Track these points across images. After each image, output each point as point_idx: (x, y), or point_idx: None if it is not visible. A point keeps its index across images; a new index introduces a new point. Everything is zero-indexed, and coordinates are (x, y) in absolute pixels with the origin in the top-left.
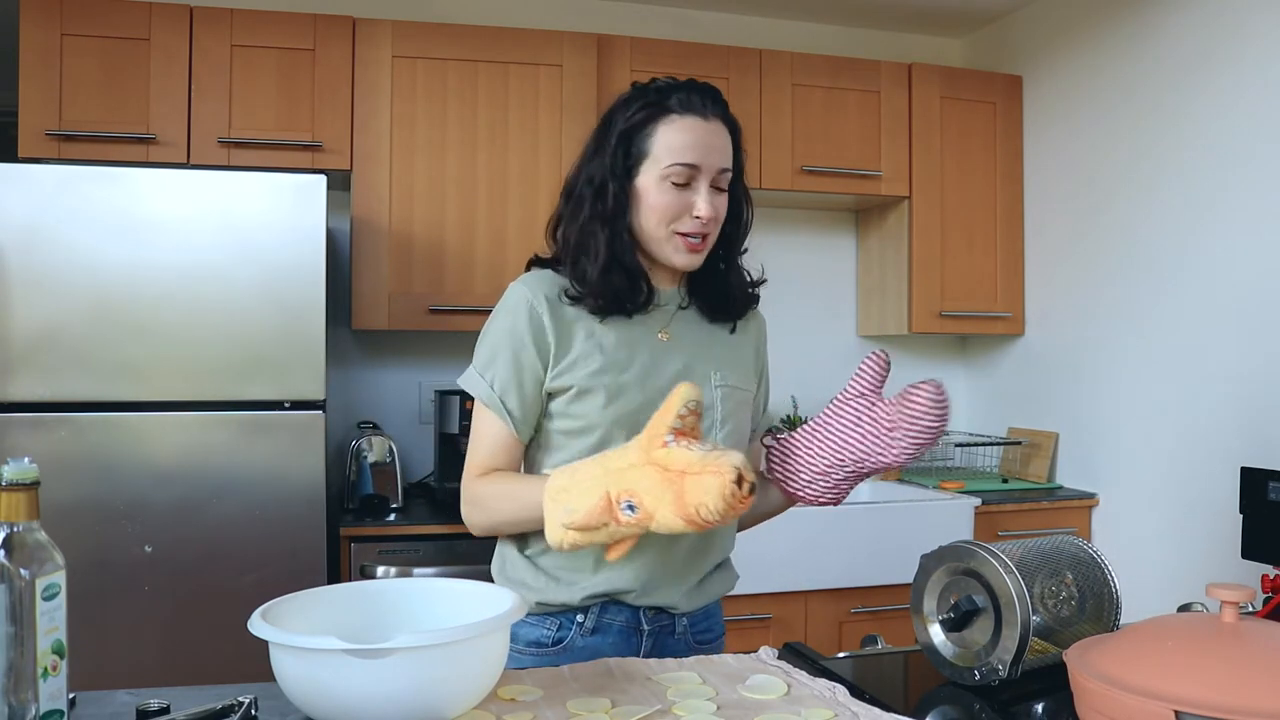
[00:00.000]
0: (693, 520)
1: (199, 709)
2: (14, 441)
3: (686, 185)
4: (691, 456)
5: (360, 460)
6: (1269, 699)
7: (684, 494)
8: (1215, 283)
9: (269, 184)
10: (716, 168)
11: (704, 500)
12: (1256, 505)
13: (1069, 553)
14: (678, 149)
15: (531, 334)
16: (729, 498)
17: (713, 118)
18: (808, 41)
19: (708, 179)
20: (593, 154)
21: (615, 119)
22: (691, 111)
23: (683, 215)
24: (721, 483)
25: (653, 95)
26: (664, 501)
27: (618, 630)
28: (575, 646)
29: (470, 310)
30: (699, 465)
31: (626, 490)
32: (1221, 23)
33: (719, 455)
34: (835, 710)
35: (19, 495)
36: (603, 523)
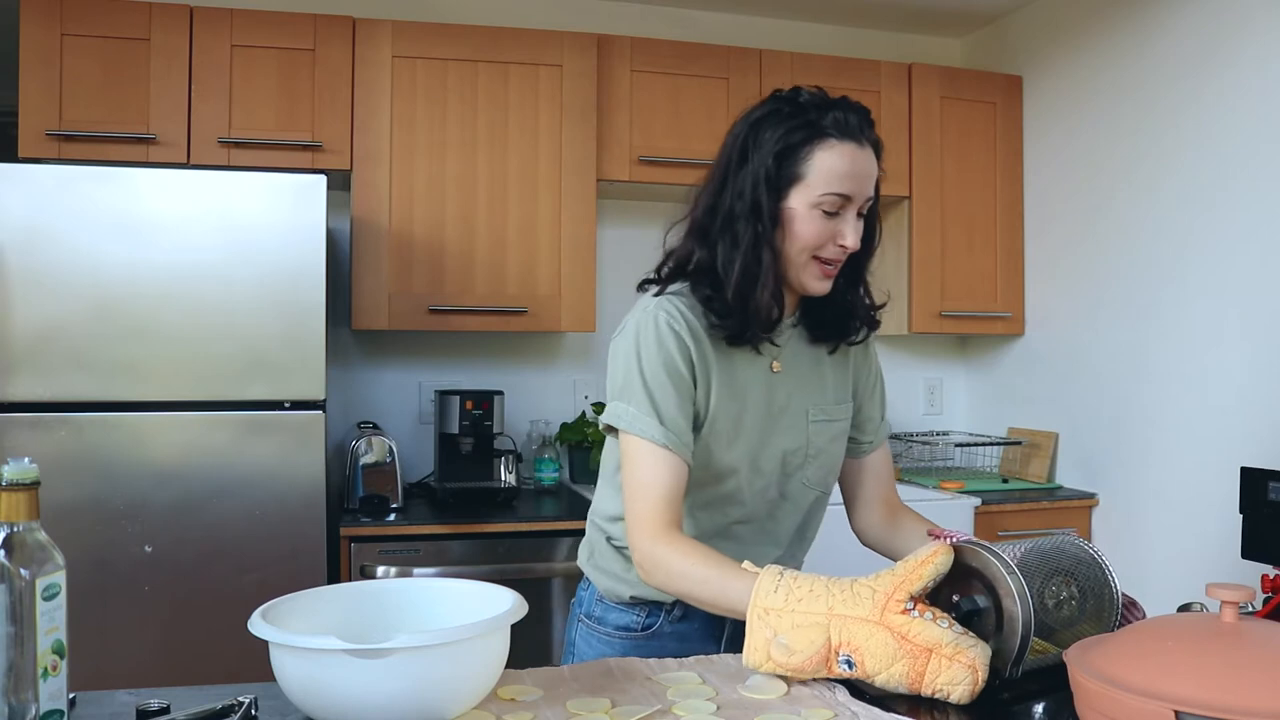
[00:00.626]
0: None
1: (199, 709)
2: (14, 441)
3: (835, 214)
4: (941, 635)
5: (360, 460)
6: (1269, 699)
7: (926, 673)
8: (1215, 282)
9: (269, 184)
10: (865, 196)
11: (950, 690)
12: (1256, 505)
13: (1070, 553)
14: (833, 178)
15: (686, 361)
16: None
17: (866, 143)
18: (808, 41)
19: (856, 207)
20: (734, 165)
21: (764, 134)
22: (848, 136)
23: (828, 243)
24: (975, 679)
25: (810, 113)
26: (892, 671)
27: (704, 616)
28: (664, 632)
29: (470, 310)
30: (951, 649)
31: (849, 644)
32: (1222, 22)
33: (970, 643)
34: (835, 710)
35: (19, 495)
36: (817, 670)
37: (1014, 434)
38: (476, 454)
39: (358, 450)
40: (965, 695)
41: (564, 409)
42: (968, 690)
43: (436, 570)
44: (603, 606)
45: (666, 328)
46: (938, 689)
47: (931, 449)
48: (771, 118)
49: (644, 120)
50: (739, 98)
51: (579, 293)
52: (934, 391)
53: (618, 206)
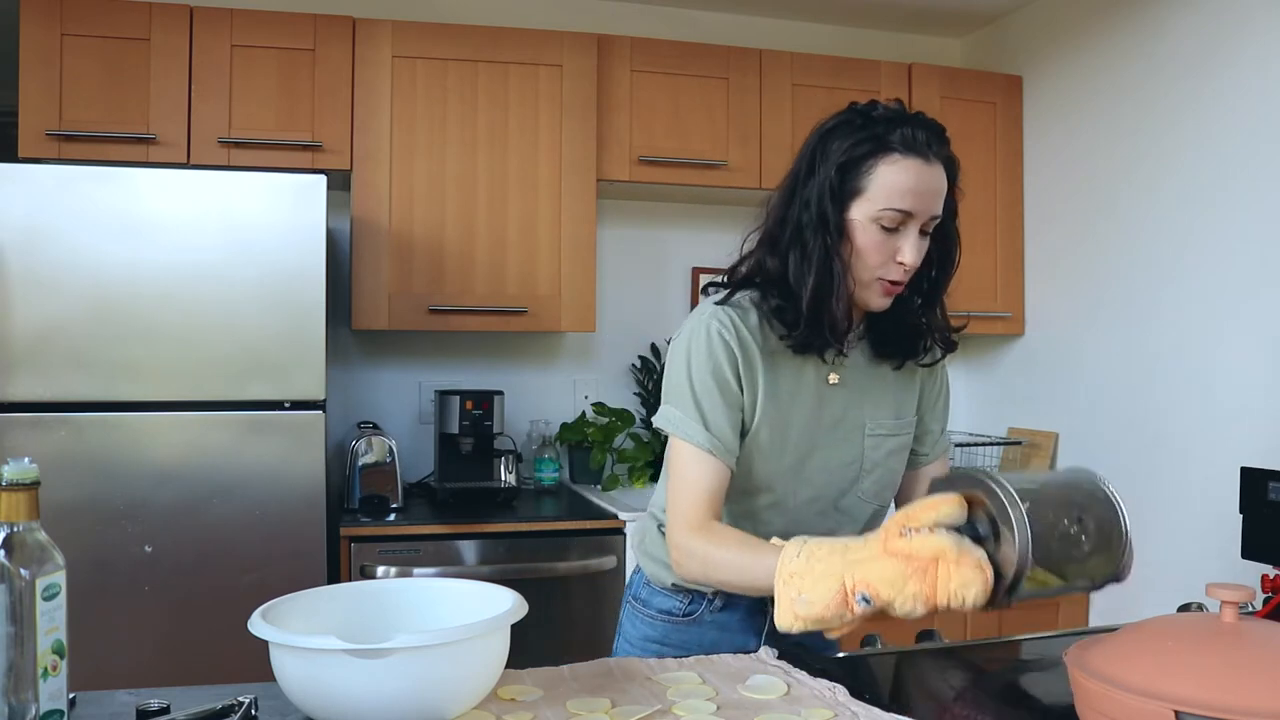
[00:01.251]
0: (939, 607)
1: (199, 709)
2: (14, 441)
3: (895, 230)
4: (942, 542)
5: (360, 460)
6: (1269, 699)
7: (938, 583)
8: (1216, 282)
9: (269, 184)
10: (929, 214)
11: (963, 593)
12: (1256, 505)
13: (1084, 488)
14: (895, 193)
15: (734, 371)
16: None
17: (934, 160)
18: (808, 41)
19: (918, 224)
20: (805, 178)
21: (831, 146)
22: (914, 152)
23: (888, 261)
24: (984, 578)
25: (878, 127)
26: (905, 593)
27: (745, 608)
28: (704, 620)
29: (470, 310)
30: (955, 554)
31: (863, 582)
32: (1222, 22)
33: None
34: (835, 710)
35: (19, 495)
36: (839, 616)
37: (1014, 434)
38: (476, 454)
39: (358, 450)
40: (979, 595)
41: (564, 409)
42: (980, 589)
43: (436, 570)
44: (649, 590)
45: (717, 336)
46: (951, 595)
47: None
48: (841, 129)
49: (644, 120)
50: (739, 98)
51: (579, 293)
52: None
53: (618, 206)
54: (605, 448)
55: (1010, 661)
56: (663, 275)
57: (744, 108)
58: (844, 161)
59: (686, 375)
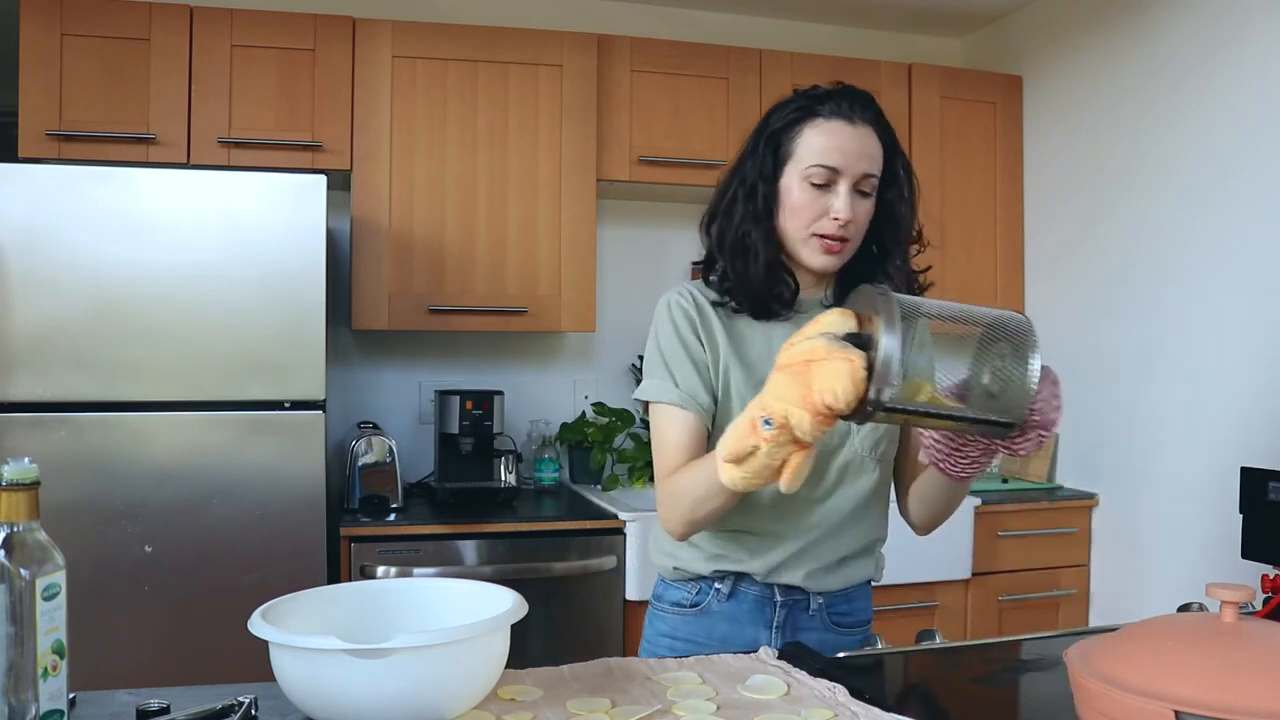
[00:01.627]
0: (819, 411)
1: (199, 709)
2: (14, 441)
3: (826, 187)
4: (813, 343)
5: (360, 460)
6: (1269, 699)
7: (811, 383)
8: (1215, 282)
9: (269, 184)
10: (859, 172)
11: (832, 386)
12: (1256, 505)
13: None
14: (819, 150)
15: (693, 332)
16: (859, 381)
17: (860, 123)
18: (808, 41)
19: (849, 182)
20: (746, 155)
21: (769, 121)
22: (839, 116)
23: (821, 217)
24: (852, 367)
25: (805, 99)
26: (788, 399)
27: (752, 599)
28: (712, 610)
29: (470, 310)
30: (825, 351)
31: (758, 405)
32: (1222, 23)
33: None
34: (835, 710)
35: (19, 495)
36: (751, 446)
37: None
38: (476, 454)
39: (358, 450)
40: (847, 387)
41: (564, 409)
42: (847, 382)
43: (436, 570)
44: (663, 585)
45: (676, 307)
46: (823, 391)
47: None
48: (778, 108)
49: (644, 120)
50: (739, 98)
51: (579, 293)
52: None
53: (618, 206)
54: (605, 448)
55: (1010, 661)
56: (663, 275)
57: (744, 108)
58: (775, 130)
59: (656, 348)
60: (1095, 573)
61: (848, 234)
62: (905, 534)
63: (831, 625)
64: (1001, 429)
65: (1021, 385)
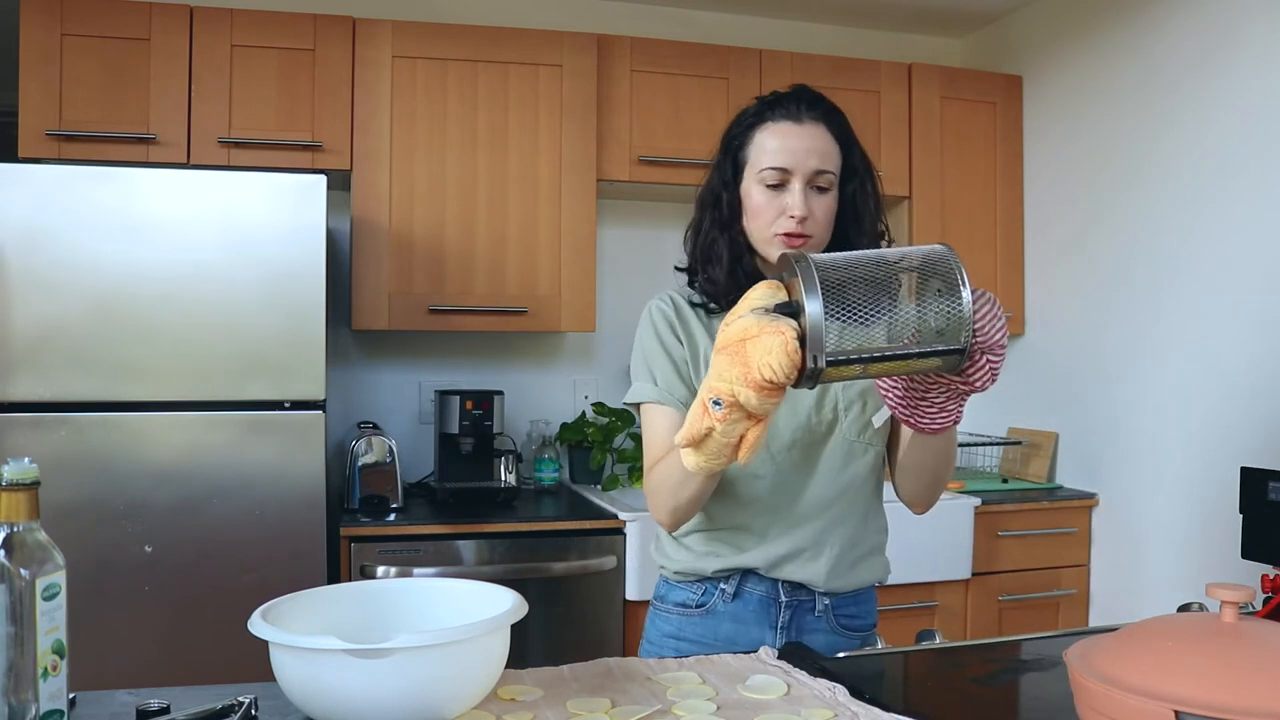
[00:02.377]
0: (761, 386)
1: (199, 709)
2: (14, 441)
3: (781, 187)
4: (744, 321)
5: (360, 460)
6: (1269, 699)
7: (749, 359)
8: (1215, 282)
9: (269, 184)
10: (810, 169)
11: (766, 360)
12: (1256, 505)
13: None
14: (769, 152)
15: (671, 333)
16: (793, 352)
17: (808, 121)
18: (808, 41)
19: (802, 180)
20: (713, 166)
21: (729, 131)
22: (785, 117)
23: (780, 216)
24: (784, 339)
25: (758, 105)
26: (730, 379)
27: (757, 599)
28: (718, 610)
29: (470, 310)
30: (757, 327)
31: (706, 388)
32: (1222, 23)
33: (775, 318)
34: (835, 710)
35: (19, 495)
36: (706, 428)
37: (1014, 434)
38: (476, 454)
39: (358, 450)
40: (781, 358)
41: (564, 409)
42: (780, 352)
43: (436, 570)
44: (666, 586)
45: (656, 310)
46: (760, 366)
47: None
48: (735, 119)
49: (644, 120)
50: (739, 98)
51: (579, 293)
52: None
53: (618, 206)
54: (605, 448)
55: (1010, 661)
56: (662, 275)
57: (744, 108)
58: (732, 138)
59: (639, 351)
60: (1095, 573)
61: (807, 230)
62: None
63: (838, 628)
64: (951, 358)
65: (958, 313)
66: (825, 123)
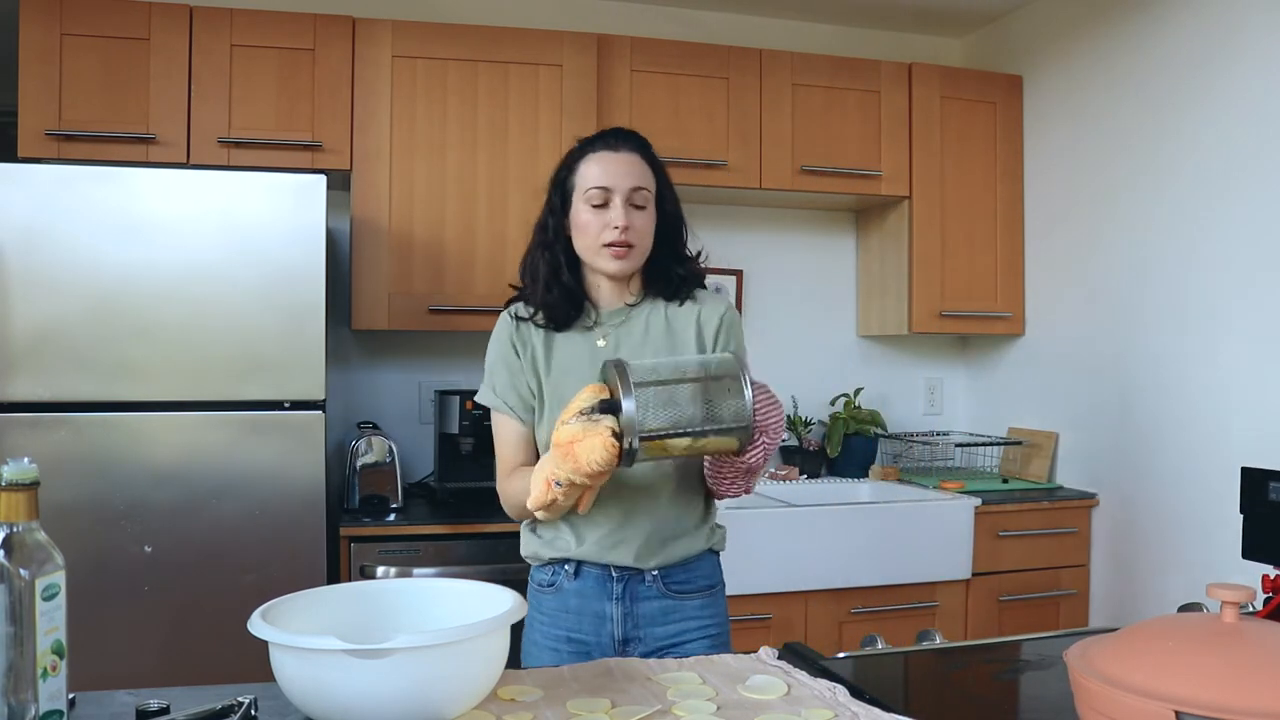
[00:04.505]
0: (592, 475)
1: (199, 709)
2: (14, 441)
3: (604, 205)
4: (570, 428)
5: (360, 460)
6: (1269, 699)
7: (578, 458)
8: (1216, 282)
9: (269, 184)
10: (627, 187)
11: (591, 458)
12: (1256, 505)
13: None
14: (592, 176)
15: (510, 343)
16: (610, 449)
17: (624, 150)
18: (808, 41)
19: (622, 197)
20: (544, 204)
21: (557, 171)
22: (604, 148)
23: (605, 229)
24: (603, 440)
25: (580, 144)
26: (564, 470)
27: (594, 578)
28: (565, 589)
29: (470, 310)
30: (581, 433)
31: (549, 472)
32: (1222, 23)
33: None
34: (835, 710)
35: (19, 495)
36: (550, 499)
37: (1014, 434)
38: (476, 454)
39: (358, 450)
40: (602, 454)
41: None
42: (602, 452)
43: (436, 570)
44: (534, 569)
45: (501, 321)
46: (589, 463)
47: (931, 449)
48: (563, 161)
49: (644, 120)
50: (739, 98)
51: None
52: (934, 391)
53: None
54: None
55: (1010, 661)
56: None
57: (744, 108)
58: (560, 174)
59: (487, 358)
60: (1095, 573)
61: (630, 239)
62: (906, 534)
63: (670, 593)
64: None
65: (740, 405)
66: (638, 151)
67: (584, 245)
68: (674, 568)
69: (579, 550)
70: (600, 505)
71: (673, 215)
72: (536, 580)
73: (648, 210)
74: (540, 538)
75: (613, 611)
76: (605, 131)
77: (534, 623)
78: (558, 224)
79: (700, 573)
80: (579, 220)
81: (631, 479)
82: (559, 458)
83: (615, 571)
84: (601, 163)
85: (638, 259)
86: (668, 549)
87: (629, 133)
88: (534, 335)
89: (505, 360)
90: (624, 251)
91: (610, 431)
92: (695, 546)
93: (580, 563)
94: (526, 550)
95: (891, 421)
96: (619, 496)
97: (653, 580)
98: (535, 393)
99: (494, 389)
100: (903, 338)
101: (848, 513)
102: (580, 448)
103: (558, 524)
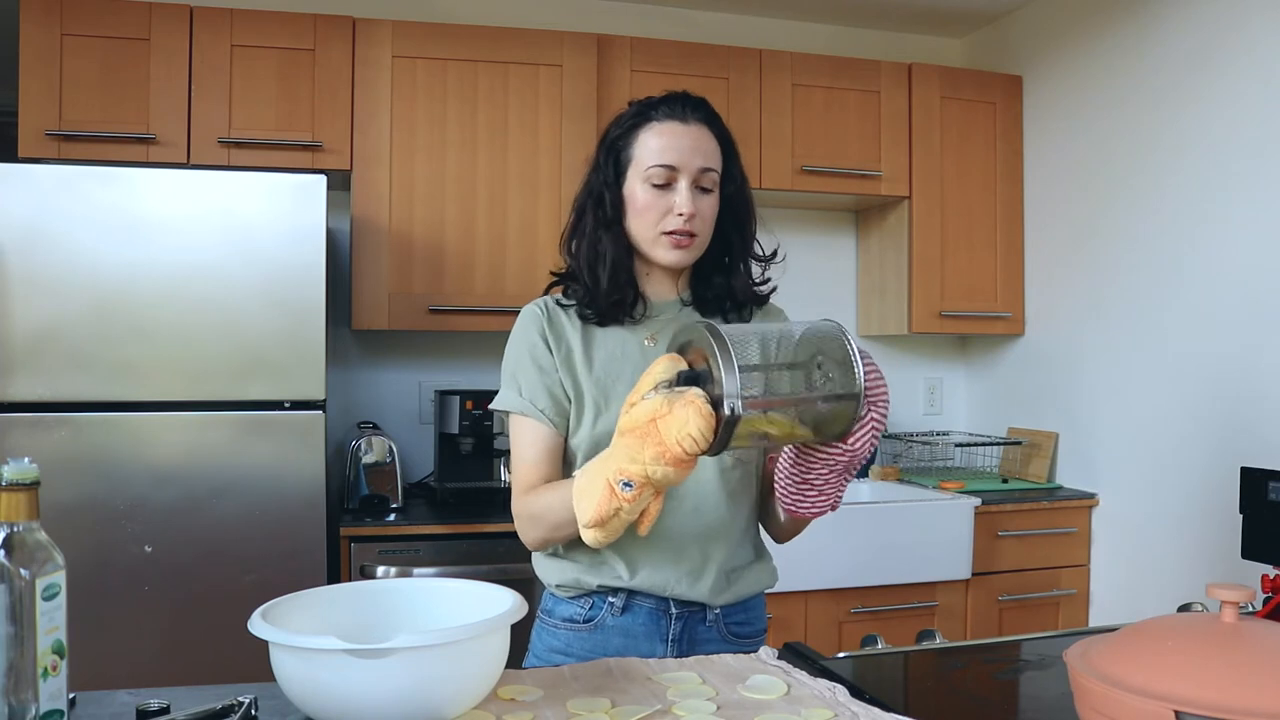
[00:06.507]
0: (681, 460)
1: (199, 709)
2: (14, 441)
3: (667, 186)
4: (651, 402)
5: (360, 460)
6: (1269, 699)
7: (663, 438)
8: (1215, 282)
9: (269, 184)
10: (696, 168)
11: (685, 431)
12: (1256, 505)
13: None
14: (656, 151)
15: (542, 337)
16: (708, 416)
17: (693, 122)
18: (808, 41)
19: (689, 179)
20: (592, 170)
21: (609, 132)
22: (671, 117)
23: (667, 215)
24: (697, 407)
25: (639, 107)
26: (645, 459)
27: (647, 613)
28: (607, 625)
29: (470, 310)
30: (665, 406)
31: (614, 470)
32: (1222, 22)
33: (680, 390)
34: (835, 710)
35: (19, 495)
36: (614, 509)
37: (1014, 434)
38: (476, 454)
39: (358, 450)
40: (700, 426)
41: None
42: (698, 422)
43: (436, 570)
44: (553, 599)
45: (528, 316)
46: (679, 439)
47: (931, 449)
48: (615, 121)
49: None
50: (739, 98)
51: None
52: (934, 391)
53: None
54: None
55: (1010, 661)
56: None
57: (744, 108)
58: (614, 139)
59: (508, 359)
60: (1095, 573)
61: (694, 228)
62: (906, 534)
63: (729, 636)
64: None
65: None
66: (709, 125)
67: (639, 229)
68: (735, 607)
69: (634, 580)
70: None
71: (735, 201)
72: (563, 615)
73: (714, 194)
74: (577, 562)
75: (665, 655)
76: (672, 95)
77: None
78: (615, 198)
79: (757, 614)
80: (634, 199)
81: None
82: (634, 444)
83: (676, 607)
84: (669, 135)
85: (698, 250)
86: (735, 585)
87: (699, 100)
88: (570, 329)
89: (535, 357)
90: (687, 241)
91: (705, 398)
92: (760, 583)
93: (631, 593)
94: (560, 577)
95: (891, 421)
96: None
97: (714, 620)
98: (570, 395)
99: (519, 390)
100: (903, 338)
101: (847, 512)
102: (667, 423)
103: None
